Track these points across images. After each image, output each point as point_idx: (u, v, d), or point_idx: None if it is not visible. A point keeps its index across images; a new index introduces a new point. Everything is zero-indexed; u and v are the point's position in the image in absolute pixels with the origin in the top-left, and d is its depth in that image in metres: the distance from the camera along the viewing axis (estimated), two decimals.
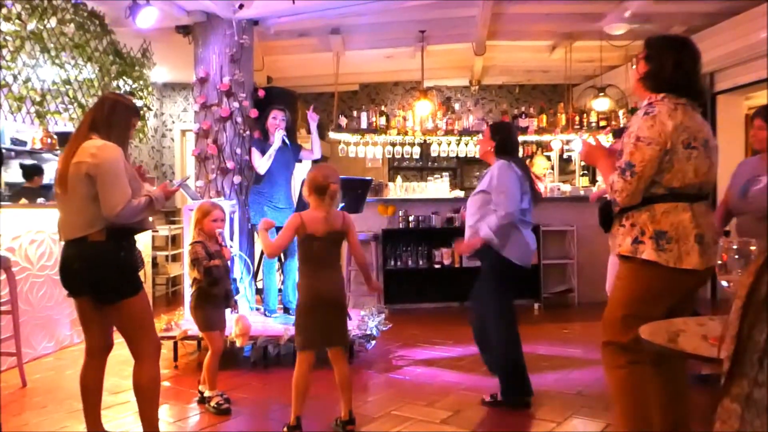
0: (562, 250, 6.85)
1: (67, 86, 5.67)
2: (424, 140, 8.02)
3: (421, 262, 6.69)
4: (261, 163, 5.11)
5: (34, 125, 5.56)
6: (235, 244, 5.11)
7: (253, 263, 5.45)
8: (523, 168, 3.62)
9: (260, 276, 5.53)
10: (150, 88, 7.20)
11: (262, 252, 5.41)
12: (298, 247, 3.13)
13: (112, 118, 2.75)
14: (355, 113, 7.93)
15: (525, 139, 8.25)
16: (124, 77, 6.45)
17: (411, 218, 6.72)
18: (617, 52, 7.52)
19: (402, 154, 8.21)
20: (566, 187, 7.34)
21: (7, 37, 4.99)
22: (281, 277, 5.41)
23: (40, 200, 4.97)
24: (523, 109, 8.28)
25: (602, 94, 7.94)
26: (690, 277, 2.32)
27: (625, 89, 8.04)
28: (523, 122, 7.92)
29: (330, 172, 3.11)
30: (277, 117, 5.22)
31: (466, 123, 7.88)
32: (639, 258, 2.32)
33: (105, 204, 2.57)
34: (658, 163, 2.28)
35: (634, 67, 2.49)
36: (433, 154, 8.32)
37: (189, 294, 3.68)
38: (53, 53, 5.44)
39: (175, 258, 7.68)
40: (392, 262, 6.67)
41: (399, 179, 8.02)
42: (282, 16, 5.89)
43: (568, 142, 8.18)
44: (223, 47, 5.46)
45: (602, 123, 7.74)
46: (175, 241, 7.58)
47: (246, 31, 5.57)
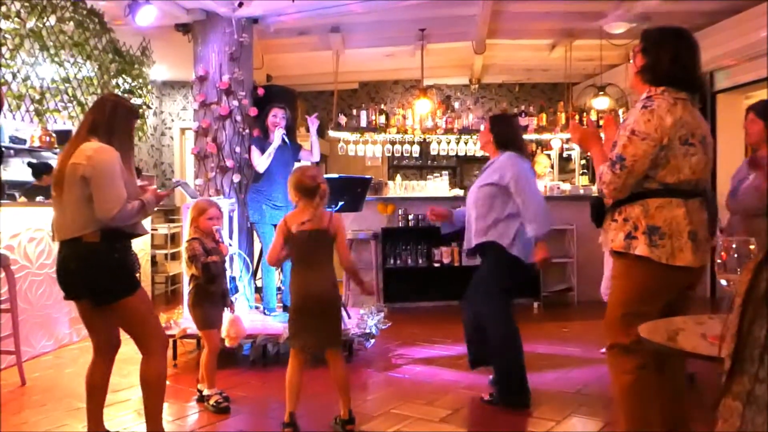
0: (562, 249, 6.84)
1: (67, 84, 5.66)
2: (424, 139, 8.03)
3: (420, 261, 6.69)
4: (260, 161, 5.11)
5: (33, 123, 5.55)
6: (234, 242, 5.11)
7: (252, 262, 5.45)
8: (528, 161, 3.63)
9: (259, 274, 5.53)
10: (149, 87, 7.19)
11: (261, 250, 5.42)
12: (288, 248, 3.12)
13: (114, 121, 2.73)
14: (354, 112, 7.94)
15: (525, 137, 8.25)
16: (124, 75, 6.44)
17: (410, 217, 6.72)
18: (617, 51, 7.52)
19: (401, 153, 8.22)
20: (566, 186, 7.34)
21: (7, 35, 4.98)
22: (280, 276, 5.41)
23: (39, 198, 4.96)
24: (522, 107, 8.29)
25: (602, 92, 7.94)
26: (683, 274, 2.29)
27: (625, 88, 8.03)
28: (523, 121, 7.92)
29: (315, 172, 3.11)
30: (277, 115, 5.21)
31: (465, 121, 7.88)
32: (632, 254, 2.30)
33: (99, 207, 2.56)
34: (651, 158, 2.25)
35: (632, 61, 2.45)
36: (433, 152, 8.33)
37: (188, 292, 3.68)
38: (52, 51, 5.43)
39: (174, 256, 7.68)
40: (392, 261, 6.67)
41: (398, 178, 8.02)
42: (282, 15, 5.89)
43: (567, 140, 8.19)
44: (223, 45, 5.45)
45: (602, 122, 7.73)
46: (174, 239, 7.59)
47: (245, 29, 5.56)
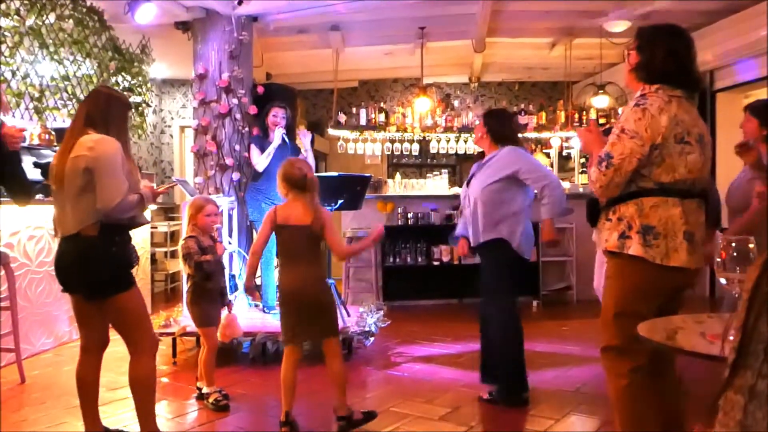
0: (561, 248, 6.85)
1: (66, 82, 5.65)
2: (424, 137, 8.02)
3: (420, 259, 6.70)
4: (260, 160, 5.11)
5: (32, 121, 5.55)
6: (234, 240, 5.11)
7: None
8: None
9: (259, 272, 5.53)
10: (149, 85, 7.18)
11: None
12: (276, 240, 3.09)
13: (109, 113, 2.72)
14: (354, 110, 7.93)
15: (524, 136, 8.25)
16: (123, 73, 6.43)
17: (410, 215, 6.73)
18: (617, 50, 7.51)
19: (401, 151, 8.21)
20: (566, 185, 7.33)
21: (6, 33, 4.97)
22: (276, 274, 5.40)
23: (39, 196, 4.96)
24: (522, 106, 8.28)
25: (602, 91, 7.94)
26: (678, 275, 2.24)
27: (625, 87, 8.03)
28: (522, 119, 7.91)
29: (301, 163, 3.08)
30: (277, 115, 5.21)
31: (465, 120, 7.88)
32: (626, 253, 2.25)
33: (101, 197, 2.55)
34: (639, 157, 2.20)
35: (626, 59, 2.41)
36: (432, 151, 8.33)
37: (186, 290, 3.68)
38: (52, 49, 5.42)
39: (174, 254, 7.67)
40: (391, 259, 6.68)
41: (398, 176, 8.02)
42: (281, 13, 5.89)
43: (567, 139, 8.19)
44: (222, 44, 5.46)
45: (602, 120, 7.75)
46: (173, 237, 7.58)
47: (245, 27, 5.57)
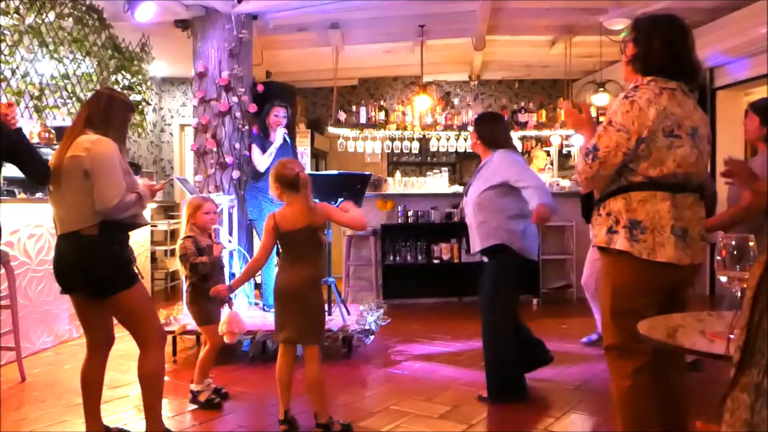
0: (561, 246, 6.85)
1: (66, 81, 5.64)
2: (424, 135, 8.02)
3: (420, 258, 6.70)
4: (262, 160, 5.10)
5: (32, 120, 5.54)
6: (234, 239, 5.11)
7: (251, 258, 5.44)
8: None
9: (258, 272, 5.52)
10: (149, 83, 7.18)
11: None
12: (280, 246, 3.08)
13: (109, 115, 2.73)
14: (354, 108, 7.92)
15: (524, 134, 8.26)
16: (123, 72, 6.42)
17: (410, 213, 6.72)
18: (617, 47, 7.47)
19: (401, 149, 8.21)
20: (565, 183, 7.33)
21: (5, 32, 4.97)
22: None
23: (39, 195, 4.96)
24: (522, 104, 8.27)
25: (602, 89, 7.92)
26: (668, 271, 2.18)
27: (624, 82, 8.01)
28: (522, 117, 7.91)
29: (293, 162, 3.08)
30: (279, 114, 5.20)
31: (465, 118, 7.86)
32: (614, 249, 2.22)
33: (99, 198, 2.56)
34: (625, 151, 2.16)
35: (623, 53, 2.38)
36: (432, 149, 8.33)
37: (186, 289, 3.67)
38: (51, 47, 5.41)
39: (174, 253, 7.67)
40: (391, 257, 6.68)
41: (398, 174, 8.02)
42: (281, 11, 5.88)
43: (567, 137, 8.18)
44: (222, 42, 5.45)
45: (602, 118, 7.72)
46: (173, 235, 7.58)
47: (245, 25, 5.56)
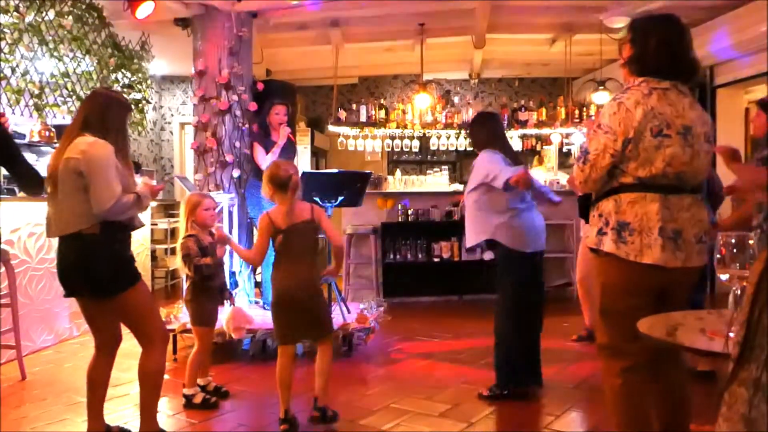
0: (562, 244, 6.85)
1: (66, 79, 5.64)
2: (424, 133, 8.02)
3: (420, 256, 6.70)
4: (266, 160, 5.08)
5: (32, 118, 5.54)
6: (234, 237, 5.11)
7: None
8: (509, 156, 3.59)
9: (259, 269, 5.53)
10: (149, 81, 7.17)
11: None
12: (276, 244, 3.11)
13: (107, 115, 2.71)
14: (354, 106, 7.92)
15: (524, 132, 8.25)
16: (123, 70, 6.42)
17: (410, 212, 6.72)
18: (617, 45, 7.49)
19: (401, 148, 8.21)
20: (566, 181, 7.33)
21: (5, 30, 4.96)
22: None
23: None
24: (522, 102, 8.27)
25: (602, 87, 7.91)
26: (655, 273, 2.15)
27: (624, 82, 8.00)
28: (522, 115, 7.91)
29: (288, 165, 3.15)
30: (280, 112, 5.19)
31: (465, 116, 7.86)
32: (602, 250, 2.22)
33: (95, 200, 2.56)
34: (612, 152, 2.16)
35: (621, 54, 2.38)
36: (433, 147, 8.33)
37: (186, 287, 3.67)
38: (51, 46, 5.41)
39: (174, 251, 7.67)
40: (391, 256, 6.68)
41: (398, 172, 8.01)
42: (281, 9, 5.87)
43: (567, 135, 8.17)
44: (222, 40, 5.44)
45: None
46: (173, 234, 7.59)
47: (245, 23, 5.55)
